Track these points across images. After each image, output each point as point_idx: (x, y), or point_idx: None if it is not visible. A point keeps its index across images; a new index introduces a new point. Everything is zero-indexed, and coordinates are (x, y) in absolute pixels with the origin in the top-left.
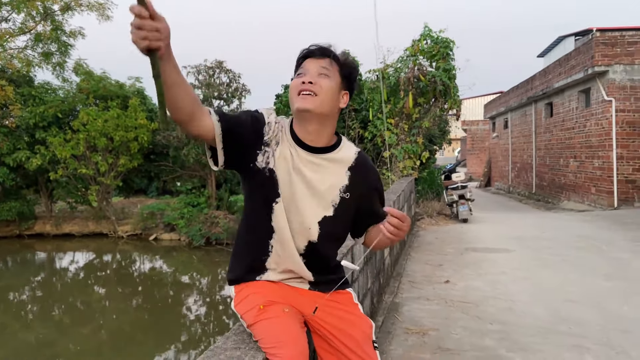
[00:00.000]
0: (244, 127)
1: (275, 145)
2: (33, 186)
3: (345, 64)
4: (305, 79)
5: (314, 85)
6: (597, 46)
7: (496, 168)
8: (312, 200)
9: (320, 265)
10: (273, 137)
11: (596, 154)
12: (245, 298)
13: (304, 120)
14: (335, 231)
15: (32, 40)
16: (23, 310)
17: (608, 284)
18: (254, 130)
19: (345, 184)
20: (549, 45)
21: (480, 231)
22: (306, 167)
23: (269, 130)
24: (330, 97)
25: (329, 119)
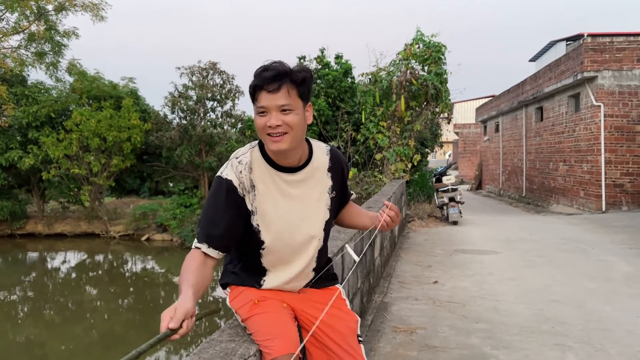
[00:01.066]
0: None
1: (252, 191)
2: (25, 186)
3: (301, 82)
4: (271, 122)
5: (282, 127)
6: (587, 52)
7: (487, 171)
8: (312, 213)
9: (323, 262)
10: (249, 188)
11: (585, 158)
12: (240, 294)
13: (280, 155)
14: (331, 227)
15: (25, 39)
16: (14, 310)
17: (592, 285)
18: (237, 205)
19: (330, 185)
20: (541, 50)
21: (470, 233)
22: (294, 187)
23: (243, 189)
24: (300, 128)
25: (301, 141)
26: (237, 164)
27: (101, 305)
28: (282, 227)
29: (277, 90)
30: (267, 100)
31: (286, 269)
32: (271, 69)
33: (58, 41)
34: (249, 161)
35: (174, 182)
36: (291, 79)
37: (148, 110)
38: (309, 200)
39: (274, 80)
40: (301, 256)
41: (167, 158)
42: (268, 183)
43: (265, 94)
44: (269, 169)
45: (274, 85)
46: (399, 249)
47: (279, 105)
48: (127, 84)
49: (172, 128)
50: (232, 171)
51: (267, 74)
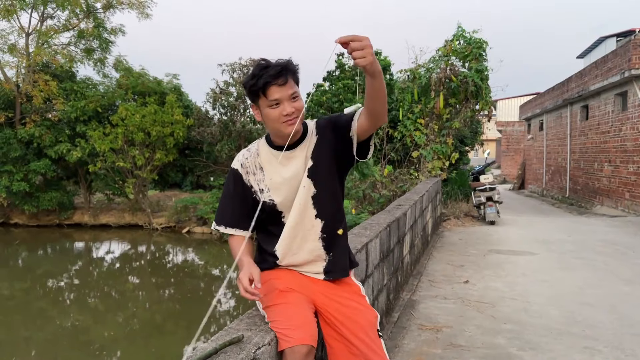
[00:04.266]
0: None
1: (260, 173)
2: (73, 178)
3: (295, 71)
4: (287, 110)
5: (295, 113)
6: (635, 49)
7: (530, 170)
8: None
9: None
10: (254, 169)
11: (631, 158)
12: (265, 282)
13: (287, 136)
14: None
15: (75, 36)
16: (61, 296)
17: (627, 289)
18: (245, 190)
19: (317, 139)
20: (590, 46)
21: (506, 233)
22: (293, 159)
23: (247, 172)
24: (303, 109)
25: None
26: (245, 152)
27: (143, 294)
28: (290, 194)
29: (285, 83)
30: (279, 92)
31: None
32: (273, 65)
33: (105, 38)
34: (257, 148)
35: (214, 176)
36: (290, 70)
37: (190, 106)
38: (306, 169)
39: (281, 74)
40: (300, 213)
41: (208, 153)
42: (273, 164)
43: (276, 88)
44: (272, 152)
45: (282, 79)
46: (431, 247)
47: (290, 94)
48: (170, 80)
49: (213, 124)
50: (237, 160)
51: (274, 71)
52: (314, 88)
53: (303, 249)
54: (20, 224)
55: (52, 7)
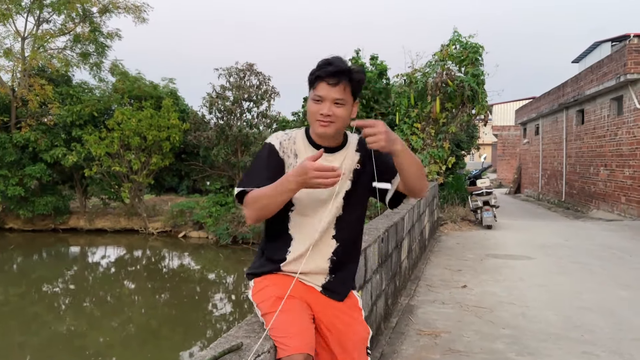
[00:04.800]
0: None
1: (294, 158)
2: (68, 182)
3: (357, 81)
4: (324, 111)
5: (331, 117)
6: (630, 54)
7: (526, 174)
8: (339, 186)
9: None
10: (289, 153)
11: (627, 163)
12: (263, 289)
13: (323, 138)
14: (356, 201)
15: (71, 41)
16: (56, 301)
17: (625, 294)
18: (278, 165)
19: (357, 159)
20: (584, 51)
21: (503, 238)
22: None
23: (283, 151)
24: (345, 120)
25: (343, 130)
26: (283, 134)
27: (138, 299)
28: (313, 192)
29: (336, 85)
30: (325, 91)
31: (309, 230)
32: (335, 64)
33: (102, 42)
34: (294, 135)
35: (210, 180)
36: (349, 78)
37: (187, 111)
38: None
39: (335, 75)
40: (322, 224)
41: (205, 157)
42: (306, 155)
43: (325, 85)
44: (308, 146)
45: (334, 79)
46: (429, 252)
47: (334, 98)
48: (167, 85)
49: (209, 128)
50: (275, 137)
51: (330, 69)
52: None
53: (310, 262)
54: (16, 229)
55: (48, 11)
